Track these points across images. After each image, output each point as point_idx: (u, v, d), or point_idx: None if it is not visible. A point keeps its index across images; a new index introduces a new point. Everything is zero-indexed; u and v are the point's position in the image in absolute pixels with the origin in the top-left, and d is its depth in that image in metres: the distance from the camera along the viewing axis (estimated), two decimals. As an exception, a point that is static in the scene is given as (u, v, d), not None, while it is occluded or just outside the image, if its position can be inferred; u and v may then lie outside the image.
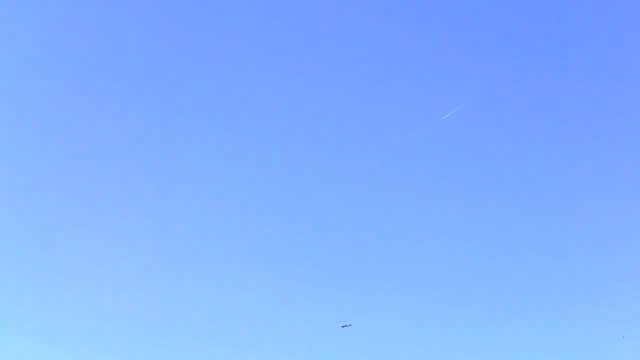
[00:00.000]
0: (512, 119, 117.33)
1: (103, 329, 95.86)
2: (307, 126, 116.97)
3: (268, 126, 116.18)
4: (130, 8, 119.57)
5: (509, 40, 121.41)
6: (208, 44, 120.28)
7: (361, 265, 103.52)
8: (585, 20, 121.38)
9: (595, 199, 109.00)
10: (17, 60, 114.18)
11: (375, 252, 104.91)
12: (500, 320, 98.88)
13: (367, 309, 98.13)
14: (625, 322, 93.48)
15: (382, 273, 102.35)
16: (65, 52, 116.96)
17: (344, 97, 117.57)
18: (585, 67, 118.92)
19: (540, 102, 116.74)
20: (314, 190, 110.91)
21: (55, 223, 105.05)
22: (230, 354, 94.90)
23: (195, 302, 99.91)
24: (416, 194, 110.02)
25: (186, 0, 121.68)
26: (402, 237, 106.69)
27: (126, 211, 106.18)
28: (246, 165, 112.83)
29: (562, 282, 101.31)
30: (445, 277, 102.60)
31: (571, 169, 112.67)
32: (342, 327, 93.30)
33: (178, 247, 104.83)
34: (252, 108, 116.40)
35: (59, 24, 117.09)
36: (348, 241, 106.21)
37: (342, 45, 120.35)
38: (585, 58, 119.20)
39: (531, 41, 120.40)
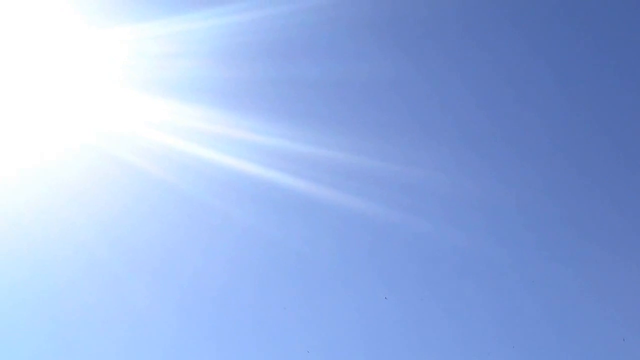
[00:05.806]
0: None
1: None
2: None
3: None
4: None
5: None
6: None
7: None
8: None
9: (595, 198, 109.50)
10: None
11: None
12: (498, 320, 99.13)
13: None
14: (626, 325, 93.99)
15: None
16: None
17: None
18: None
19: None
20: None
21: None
22: (228, 353, 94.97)
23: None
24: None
25: None
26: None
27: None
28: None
29: (562, 282, 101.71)
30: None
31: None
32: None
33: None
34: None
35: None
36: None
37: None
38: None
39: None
